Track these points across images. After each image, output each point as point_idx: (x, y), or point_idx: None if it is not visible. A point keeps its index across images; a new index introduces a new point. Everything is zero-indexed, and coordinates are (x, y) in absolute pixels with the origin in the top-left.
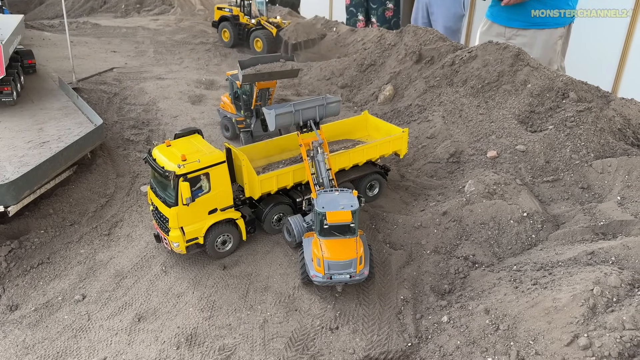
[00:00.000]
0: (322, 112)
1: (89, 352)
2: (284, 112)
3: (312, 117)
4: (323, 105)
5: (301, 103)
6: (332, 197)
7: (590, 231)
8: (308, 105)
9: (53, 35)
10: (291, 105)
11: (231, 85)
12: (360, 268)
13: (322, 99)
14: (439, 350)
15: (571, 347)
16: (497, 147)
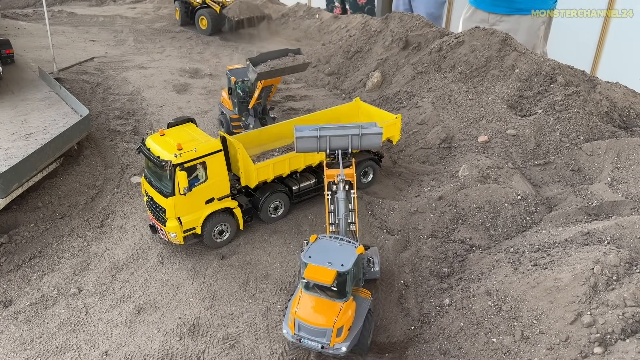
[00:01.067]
0: (356, 144)
1: (90, 346)
2: (306, 136)
3: (342, 148)
4: (358, 136)
5: (330, 128)
6: (330, 246)
7: (583, 212)
8: (339, 132)
9: (28, 25)
10: (317, 129)
11: (228, 80)
12: (335, 341)
13: (359, 127)
14: (442, 332)
15: (575, 325)
16: (488, 131)
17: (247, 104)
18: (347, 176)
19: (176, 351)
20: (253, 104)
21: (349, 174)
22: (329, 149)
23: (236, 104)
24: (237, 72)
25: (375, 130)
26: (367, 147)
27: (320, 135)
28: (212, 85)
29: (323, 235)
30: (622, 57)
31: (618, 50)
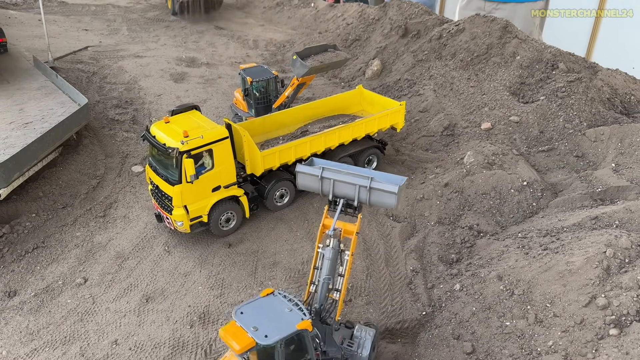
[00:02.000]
0: (364, 197)
1: (98, 335)
2: (308, 173)
3: (348, 197)
4: (366, 189)
5: (337, 171)
6: (275, 309)
7: (589, 197)
8: (346, 178)
9: (19, 14)
10: (320, 168)
11: (243, 80)
12: None
13: (369, 179)
14: (454, 317)
15: (589, 307)
16: (491, 118)
17: (264, 105)
18: (345, 232)
19: (187, 339)
20: (280, 102)
21: (348, 231)
22: (332, 195)
23: (252, 105)
24: (251, 71)
25: (389, 188)
26: (377, 204)
27: (323, 176)
28: (209, 74)
29: (281, 292)
30: (617, 44)
31: (612, 36)
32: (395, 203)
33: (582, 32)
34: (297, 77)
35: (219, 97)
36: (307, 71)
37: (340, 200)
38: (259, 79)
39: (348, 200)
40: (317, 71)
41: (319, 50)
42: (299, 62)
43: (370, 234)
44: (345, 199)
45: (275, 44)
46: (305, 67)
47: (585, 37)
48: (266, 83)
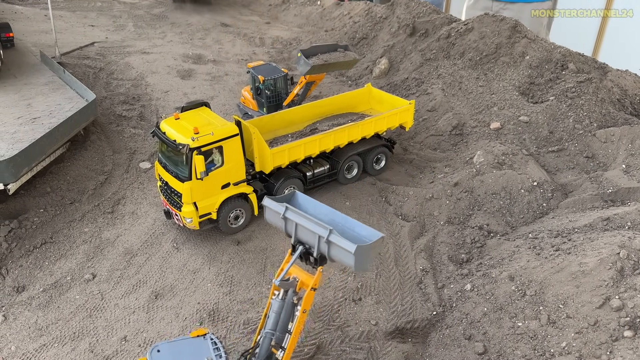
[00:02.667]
0: (324, 249)
1: (107, 332)
2: (273, 209)
3: (309, 244)
4: (325, 241)
5: (300, 215)
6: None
7: (600, 199)
8: (306, 223)
9: (25, 9)
10: (284, 207)
11: (253, 79)
12: None
13: (328, 231)
14: (465, 318)
15: (603, 309)
16: (500, 118)
17: (275, 103)
18: (301, 284)
19: None
20: (290, 100)
21: (303, 283)
22: (294, 238)
23: (264, 104)
24: (260, 69)
25: (346, 246)
26: (336, 260)
27: (286, 216)
28: (216, 71)
29: (213, 338)
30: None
31: (619, 37)
32: (353, 264)
33: (589, 32)
34: (301, 74)
35: (226, 94)
36: (310, 69)
37: (299, 246)
38: (270, 77)
39: (308, 246)
40: (320, 70)
41: (327, 49)
42: (302, 59)
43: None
44: (307, 247)
45: (281, 42)
46: (307, 65)
47: (592, 37)
48: (277, 81)
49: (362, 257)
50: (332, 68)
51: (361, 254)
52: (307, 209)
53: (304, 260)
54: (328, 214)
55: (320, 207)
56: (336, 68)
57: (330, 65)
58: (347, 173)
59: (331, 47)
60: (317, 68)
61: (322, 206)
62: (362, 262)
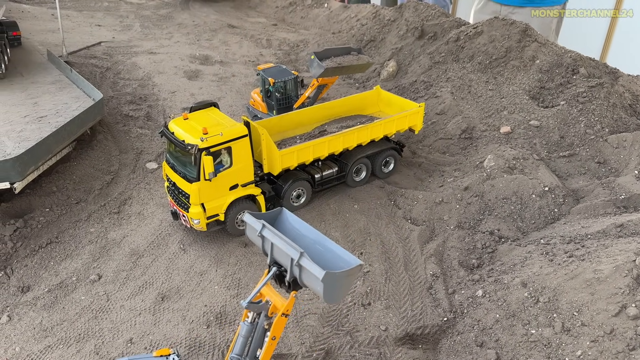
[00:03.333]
0: (295, 272)
1: (113, 334)
2: (251, 225)
3: (284, 265)
4: (297, 266)
5: (275, 235)
6: None
7: (612, 204)
8: (280, 244)
9: (32, 8)
10: (261, 224)
11: (263, 81)
12: None
13: (299, 254)
14: (477, 324)
15: (620, 317)
16: (510, 122)
17: (285, 106)
18: (273, 308)
19: (204, 339)
20: (301, 102)
21: (274, 306)
22: (270, 258)
23: (274, 107)
24: (271, 72)
25: (315, 272)
26: (307, 286)
27: (262, 234)
28: (223, 73)
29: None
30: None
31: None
32: (321, 292)
33: (597, 36)
34: (314, 77)
35: (233, 95)
36: (323, 72)
37: (274, 267)
38: (281, 80)
39: (281, 268)
40: (333, 73)
41: (340, 52)
42: (316, 62)
43: (389, 236)
44: (282, 269)
45: (288, 44)
46: (321, 67)
47: (600, 40)
48: (287, 83)
49: (332, 286)
50: (345, 71)
51: (331, 282)
52: (291, 229)
53: (278, 283)
54: (313, 236)
55: (306, 228)
56: (349, 72)
57: (344, 69)
58: (356, 176)
59: (344, 50)
60: (330, 71)
61: (309, 228)
62: (332, 292)
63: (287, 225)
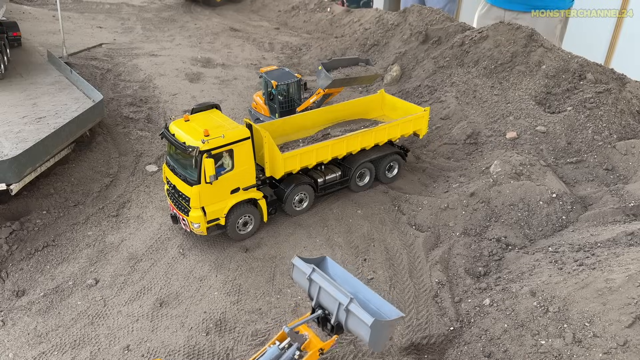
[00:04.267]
0: (342, 318)
1: (110, 340)
2: (299, 268)
3: (330, 310)
4: (344, 309)
5: (325, 278)
6: None
7: (621, 212)
8: (330, 289)
9: (33, 9)
10: (311, 268)
11: (265, 84)
12: None
13: (349, 299)
14: (484, 334)
15: (633, 328)
16: (516, 128)
17: (288, 109)
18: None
19: (203, 347)
20: (304, 107)
21: (312, 343)
22: (315, 302)
23: (276, 109)
24: (273, 74)
25: (364, 318)
26: (352, 331)
27: (311, 278)
28: (225, 75)
29: None
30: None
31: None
32: (367, 339)
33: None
34: (321, 88)
35: (235, 98)
36: (331, 84)
37: (319, 310)
38: (283, 83)
39: (327, 312)
40: (341, 84)
41: (348, 63)
42: (323, 72)
43: (393, 242)
44: (327, 312)
45: (291, 47)
46: (328, 79)
47: (604, 45)
48: (290, 86)
49: (378, 333)
50: (353, 83)
51: (377, 329)
52: (333, 275)
53: (321, 326)
54: (353, 283)
55: (347, 275)
56: (357, 83)
57: (352, 80)
58: (359, 180)
59: (352, 61)
60: (338, 82)
61: (349, 275)
62: (377, 339)
63: (329, 271)
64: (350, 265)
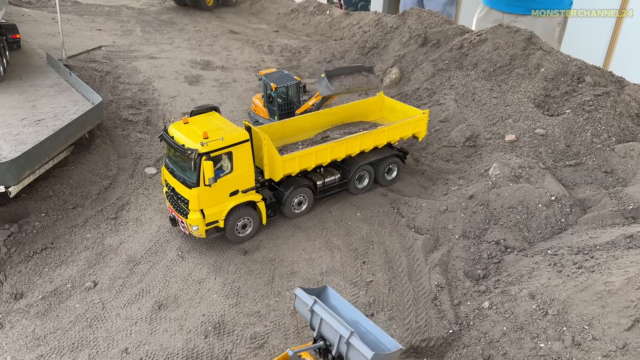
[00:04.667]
0: (343, 350)
1: (108, 343)
2: (301, 299)
3: (331, 342)
4: (345, 342)
5: (326, 311)
6: None
7: (620, 215)
8: (331, 321)
9: (32, 12)
10: (313, 300)
11: (265, 87)
12: None
13: (350, 332)
14: (484, 337)
15: (632, 331)
16: (515, 130)
17: (287, 111)
18: None
19: (201, 350)
20: (303, 110)
21: None
22: (317, 333)
23: (276, 112)
24: (273, 77)
25: (364, 352)
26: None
27: (313, 309)
28: (224, 78)
29: None
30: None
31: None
32: None
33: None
34: (321, 95)
35: (234, 100)
36: (330, 95)
37: (320, 341)
38: (283, 85)
39: (328, 346)
40: (340, 94)
41: (351, 70)
42: (325, 81)
43: (392, 245)
44: (328, 344)
45: (290, 50)
46: (329, 90)
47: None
48: (290, 89)
49: None
50: (350, 92)
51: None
52: (334, 306)
53: (322, 357)
54: (353, 315)
55: (347, 306)
56: (355, 92)
57: (352, 90)
58: (358, 183)
59: (355, 69)
60: (338, 94)
61: (350, 306)
62: None
63: (331, 301)
64: (350, 267)
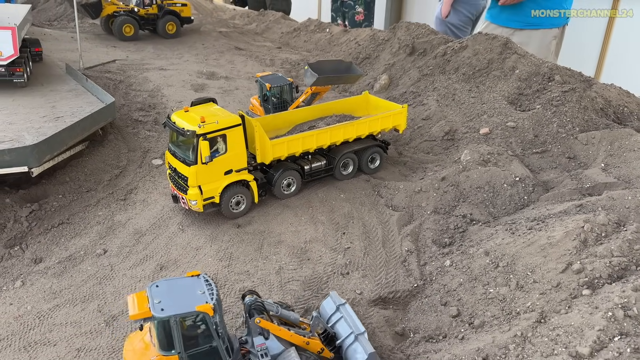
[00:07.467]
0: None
1: (115, 296)
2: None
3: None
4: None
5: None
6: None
7: (578, 192)
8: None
9: (53, 32)
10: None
11: (260, 87)
12: None
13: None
14: (443, 288)
15: (565, 273)
16: (489, 124)
17: (281, 109)
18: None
19: None
20: (295, 107)
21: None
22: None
23: (271, 110)
24: (268, 78)
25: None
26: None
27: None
28: (227, 86)
29: (206, 277)
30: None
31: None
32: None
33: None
34: (307, 86)
35: (236, 104)
36: (315, 81)
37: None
38: (277, 85)
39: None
40: (325, 82)
41: (333, 64)
42: (309, 71)
43: (370, 220)
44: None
45: (290, 62)
46: (313, 76)
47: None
48: (283, 89)
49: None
50: (337, 81)
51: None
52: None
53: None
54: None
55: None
56: (341, 82)
57: (335, 78)
58: (343, 169)
59: (336, 63)
60: (322, 80)
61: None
62: None
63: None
64: (331, 237)
